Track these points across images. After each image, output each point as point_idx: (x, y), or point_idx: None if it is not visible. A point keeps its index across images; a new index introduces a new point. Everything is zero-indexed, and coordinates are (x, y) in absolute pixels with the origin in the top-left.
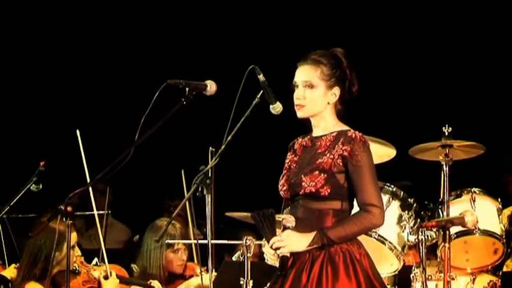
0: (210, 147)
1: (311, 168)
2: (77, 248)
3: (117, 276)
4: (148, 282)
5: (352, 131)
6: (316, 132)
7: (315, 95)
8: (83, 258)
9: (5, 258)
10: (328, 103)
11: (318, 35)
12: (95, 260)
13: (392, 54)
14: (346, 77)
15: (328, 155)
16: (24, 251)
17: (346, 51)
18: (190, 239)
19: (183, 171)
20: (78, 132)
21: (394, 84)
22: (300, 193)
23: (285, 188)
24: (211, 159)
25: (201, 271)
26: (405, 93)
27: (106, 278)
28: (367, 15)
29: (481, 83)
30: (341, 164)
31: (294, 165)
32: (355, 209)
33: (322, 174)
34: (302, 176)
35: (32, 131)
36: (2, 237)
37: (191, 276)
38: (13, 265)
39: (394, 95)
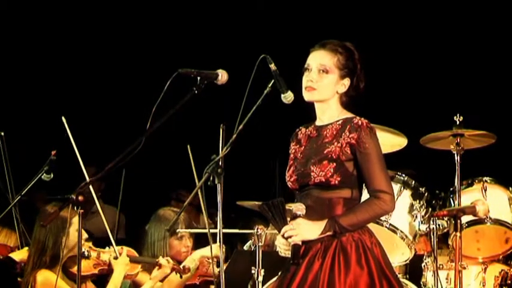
0: (221, 125)
1: (319, 158)
2: (83, 231)
3: (127, 255)
4: (157, 260)
5: (357, 118)
6: (320, 121)
7: (328, 80)
8: (91, 243)
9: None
10: (337, 92)
11: (327, 25)
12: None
13: (403, 44)
14: (356, 71)
15: (335, 143)
16: (32, 240)
17: (356, 41)
18: (194, 227)
19: (189, 147)
20: (64, 119)
21: (405, 73)
22: (310, 183)
23: (292, 178)
24: (221, 139)
25: (210, 242)
26: (416, 83)
27: (116, 259)
28: (376, 4)
29: (492, 71)
30: (349, 152)
31: (300, 155)
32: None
33: (331, 163)
34: (310, 166)
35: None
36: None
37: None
38: (26, 248)
39: (405, 84)
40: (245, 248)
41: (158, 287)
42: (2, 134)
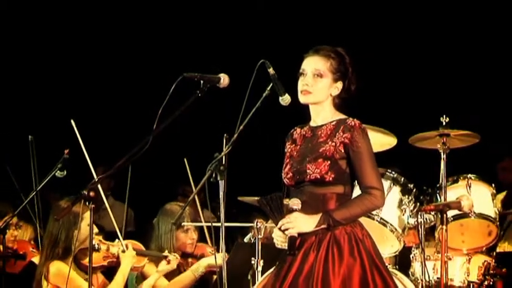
0: (225, 134)
1: (315, 156)
2: (94, 226)
3: (133, 249)
4: (165, 254)
5: (350, 119)
6: (315, 122)
7: (322, 84)
8: (101, 236)
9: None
10: (331, 95)
11: (321, 30)
12: (116, 240)
13: (393, 49)
14: (347, 74)
15: (330, 142)
16: (45, 233)
17: (348, 44)
18: (200, 221)
19: (186, 160)
20: (73, 122)
21: (394, 77)
22: (305, 180)
23: (289, 175)
24: (225, 146)
25: (215, 252)
26: (405, 86)
27: (124, 252)
28: (366, 7)
29: (477, 75)
30: (343, 150)
31: (296, 154)
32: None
33: (326, 161)
34: (306, 164)
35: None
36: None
37: (202, 255)
38: None
39: (395, 87)
40: (245, 240)
41: (166, 285)
42: (31, 138)
